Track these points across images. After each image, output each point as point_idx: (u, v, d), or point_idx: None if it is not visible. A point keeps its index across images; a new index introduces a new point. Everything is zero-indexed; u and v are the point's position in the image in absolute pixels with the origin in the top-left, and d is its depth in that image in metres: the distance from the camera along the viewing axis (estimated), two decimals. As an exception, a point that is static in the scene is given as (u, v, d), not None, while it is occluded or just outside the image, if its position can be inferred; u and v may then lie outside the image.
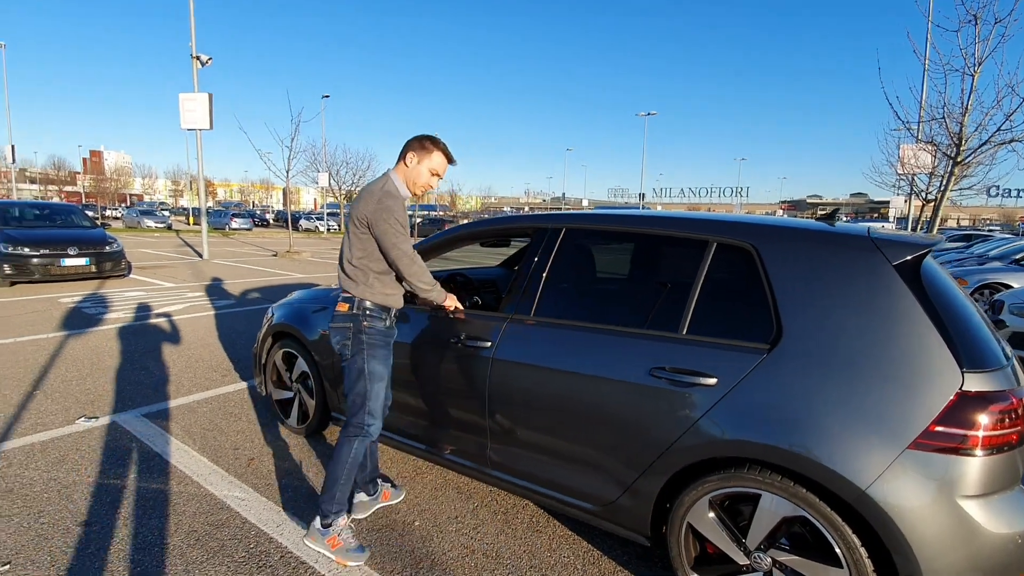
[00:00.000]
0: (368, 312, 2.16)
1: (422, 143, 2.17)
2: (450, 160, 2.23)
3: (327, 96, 32.79)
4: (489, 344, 2.25)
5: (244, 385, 4.17)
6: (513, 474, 2.23)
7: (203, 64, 13.18)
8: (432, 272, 3.67)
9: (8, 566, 2.02)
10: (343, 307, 2.18)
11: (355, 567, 2.07)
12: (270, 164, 26.02)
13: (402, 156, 2.19)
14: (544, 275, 2.26)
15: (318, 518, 2.11)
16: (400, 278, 2.22)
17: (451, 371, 2.39)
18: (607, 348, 1.97)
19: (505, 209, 79.30)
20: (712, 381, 1.72)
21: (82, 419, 3.38)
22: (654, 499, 1.84)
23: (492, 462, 2.29)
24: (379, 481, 2.48)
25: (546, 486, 2.14)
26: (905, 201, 16.82)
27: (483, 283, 3.48)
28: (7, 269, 7.98)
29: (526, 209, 72.59)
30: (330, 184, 32.68)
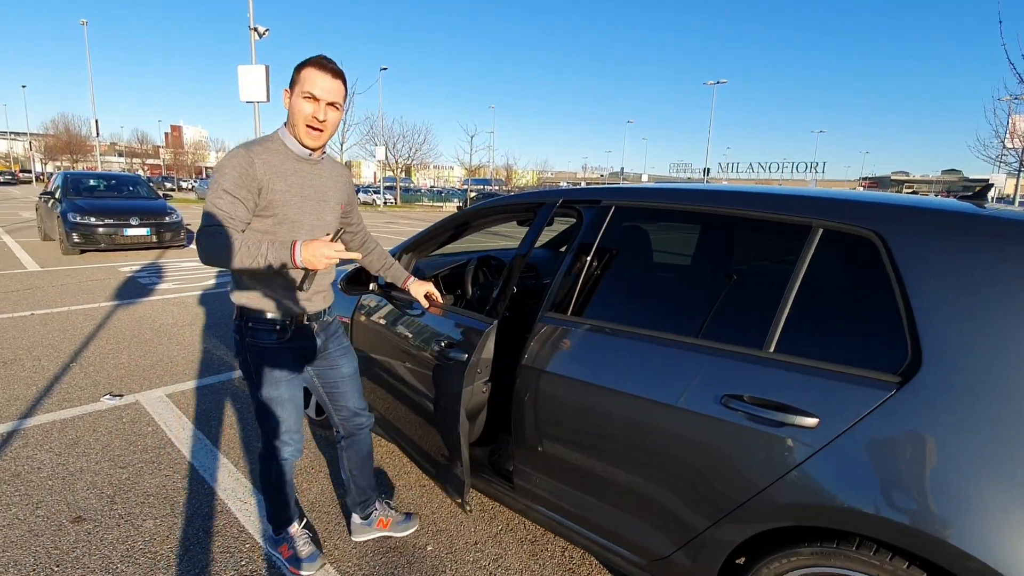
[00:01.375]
0: (249, 324, 1.66)
1: (295, 70, 1.57)
2: (329, 71, 1.54)
3: (385, 68, 32.75)
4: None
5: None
6: (540, 503, 1.84)
7: (260, 36, 13.22)
8: (460, 253, 3.35)
9: (-11, 567, 1.86)
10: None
11: (307, 575, 1.87)
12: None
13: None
14: (586, 265, 1.82)
15: (271, 526, 1.94)
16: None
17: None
18: (663, 363, 1.52)
19: (561, 184, 77.81)
20: (811, 422, 1.24)
21: (107, 396, 3.28)
22: (719, 565, 1.41)
23: (517, 487, 1.92)
24: (377, 503, 2.10)
25: (580, 524, 1.74)
26: (1009, 177, 14.84)
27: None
28: (76, 238, 8.31)
29: (583, 183, 70.95)
30: (387, 157, 33.01)
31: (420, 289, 2.07)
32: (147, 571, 1.87)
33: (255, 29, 13.18)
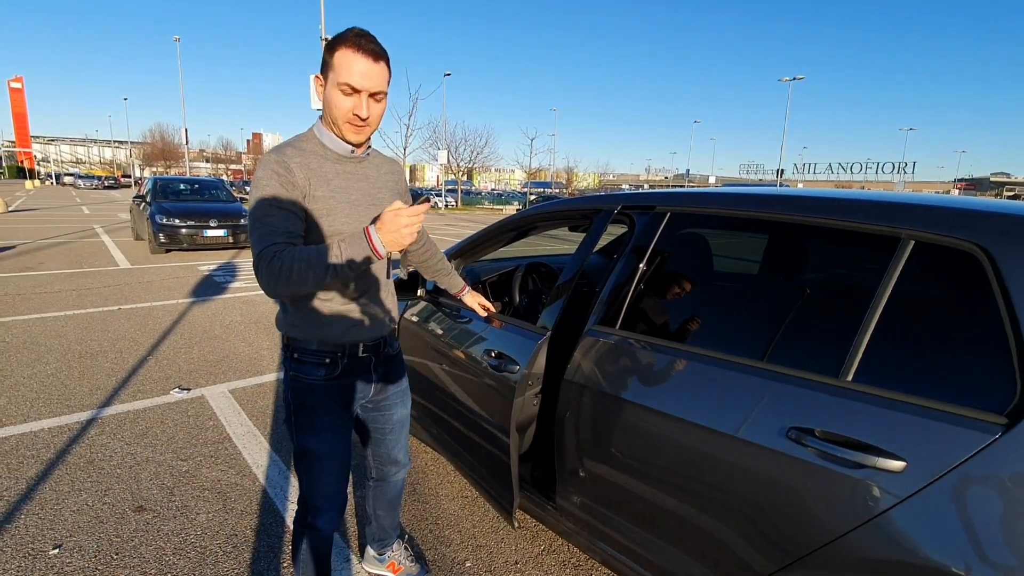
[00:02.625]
0: (294, 355, 1.43)
1: (326, 49, 1.29)
2: (369, 54, 1.25)
3: (448, 74, 33.45)
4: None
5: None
6: (583, 528, 1.74)
7: (331, 45, 13.80)
8: (509, 259, 3.30)
9: (58, 550, 1.98)
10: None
11: None
12: (388, 141, 27.32)
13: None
14: (637, 277, 1.69)
15: None
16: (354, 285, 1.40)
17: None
18: (721, 387, 1.37)
19: (623, 187, 76.46)
20: (896, 465, 1.07)
21: (176, 390, 3.47)
22: None
23: (560, 508, 1.82)
24: (395, 545, 1.92)
25: (626, 555, 1.61)
26: None
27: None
28: (162, 238, 8.98)
29: (645, 187, 69.35)
30: (449, 161, 33.68)
31: (475, 300, 1.95)
32: (195, 565, 1.93)
33: (326, 39, 13.77)
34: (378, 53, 1.28)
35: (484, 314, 1.97)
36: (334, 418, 1.45)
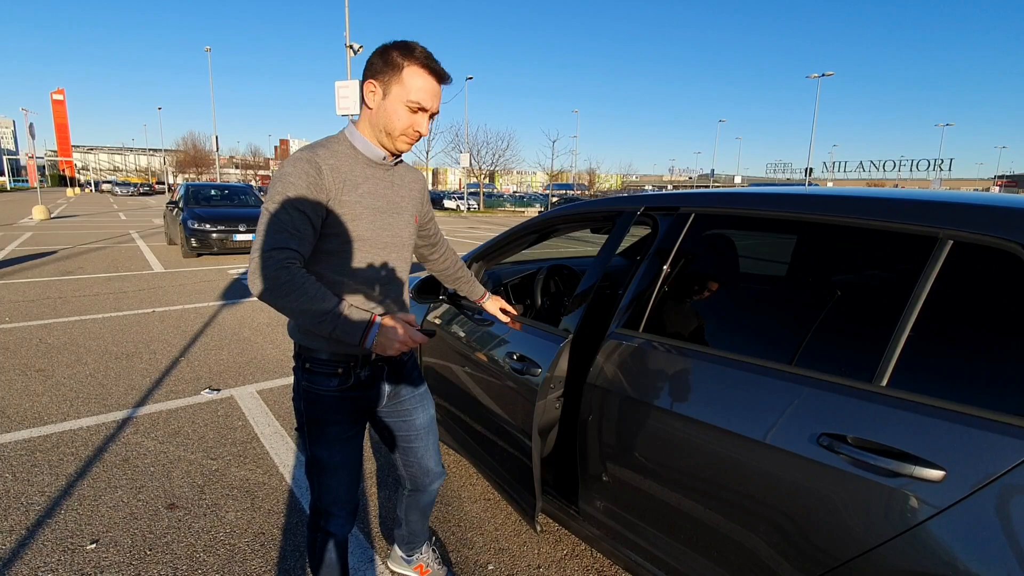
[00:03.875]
0: (307, 365, 1.40)
1: (386, 58, 1.29)
2: (439, 76, 1.31)
3: (470, 78, 33.64)
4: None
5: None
6: (607, 533, 1.72)
7: (355, 52, 14.04)
8: (530, 262, 3.30)
9: (95, 545, 2.04)
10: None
11: None
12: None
13: (361, 91, 1.36)
14: (661, 279, 1.67)
15: None
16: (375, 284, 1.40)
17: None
18: (748, 391, 1.34)
19: (646, 188, 75.74)
20: (935, 474, 1.03)
21: (206, 390, 3.56)
22: None
23: (583, 512, 1.80)
24: (424, 547, 1.90)
25: (651, 562, 1.59)
26: None
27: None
28: (194, 243, 9.23)
29: (669, 188, 68.54)
30: (471, 164, 33.84)
31: (496, 305, 1.95)
32: (224, 563, 1.97)
33: (351, 46, 14.02)
34: (444, 76, 1.34)
35: (506, 319, 1.96)
36: (345, 429, 1.44)
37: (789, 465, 1.22)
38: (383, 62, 1.30)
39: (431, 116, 1.36)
